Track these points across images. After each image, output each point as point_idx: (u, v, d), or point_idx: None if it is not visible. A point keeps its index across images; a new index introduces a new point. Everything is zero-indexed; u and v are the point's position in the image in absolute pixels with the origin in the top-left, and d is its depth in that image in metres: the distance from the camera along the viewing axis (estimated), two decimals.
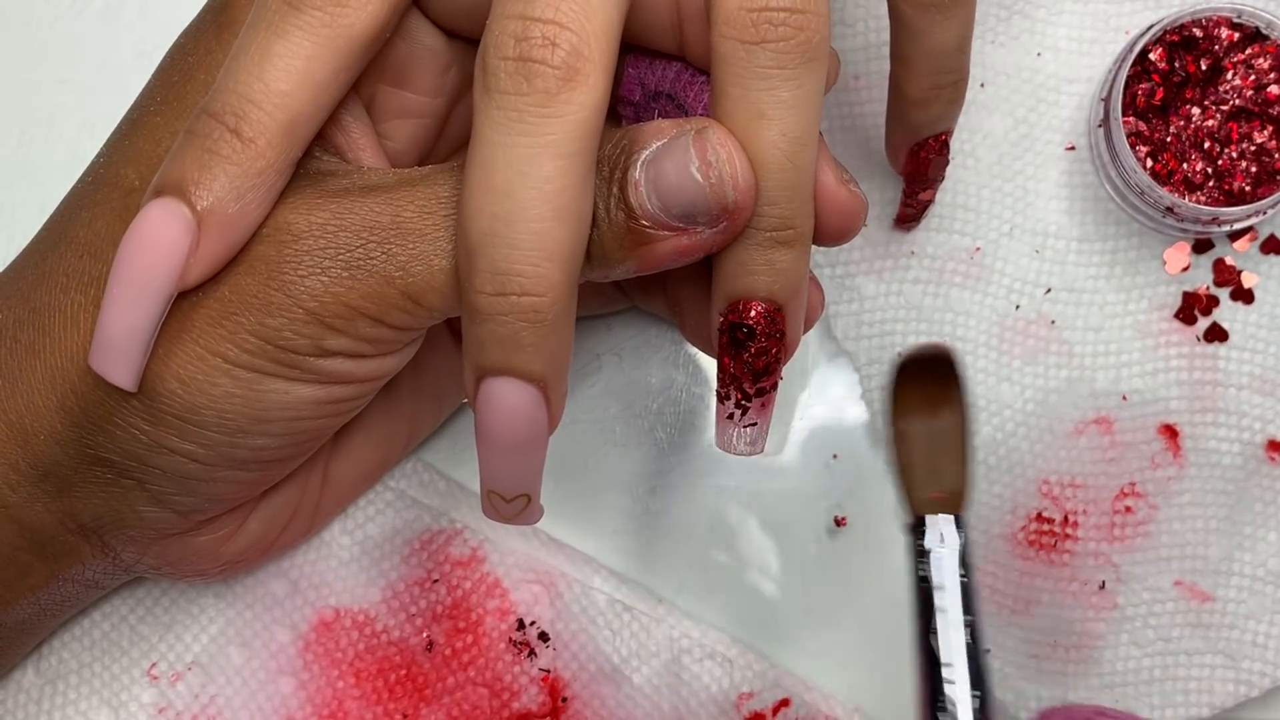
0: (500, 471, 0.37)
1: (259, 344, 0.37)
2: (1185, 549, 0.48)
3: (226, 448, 0.38)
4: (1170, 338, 0.48)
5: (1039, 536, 0.48)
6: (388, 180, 0.37)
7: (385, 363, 0.39)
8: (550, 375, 0.35)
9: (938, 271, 0.49)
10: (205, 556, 0.43)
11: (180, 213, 0.35)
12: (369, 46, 0.37)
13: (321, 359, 0.37)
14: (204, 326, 0.37)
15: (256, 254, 0.37)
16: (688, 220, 0.35)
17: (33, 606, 0.43)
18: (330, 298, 0.36)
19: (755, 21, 0.34)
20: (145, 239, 0.35)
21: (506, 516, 0.38)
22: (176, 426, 0.38)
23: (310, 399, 0.38)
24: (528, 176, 0.33)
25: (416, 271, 0.36)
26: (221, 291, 0.37)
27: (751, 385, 0.38)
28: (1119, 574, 0.48)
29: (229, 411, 0.38)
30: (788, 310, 0.37)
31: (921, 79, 0.42)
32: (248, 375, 0.37)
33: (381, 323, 0.37)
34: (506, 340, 0.34)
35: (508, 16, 0.34)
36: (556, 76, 0.33)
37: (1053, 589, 0.48)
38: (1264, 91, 0.46)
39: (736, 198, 0.35)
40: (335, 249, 0.36)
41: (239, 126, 0.36)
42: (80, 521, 0.41)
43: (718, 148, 0.35)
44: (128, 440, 0.38)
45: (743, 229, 0.35)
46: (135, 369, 0.36)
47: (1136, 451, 0.48)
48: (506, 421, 0.35)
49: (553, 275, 0.34)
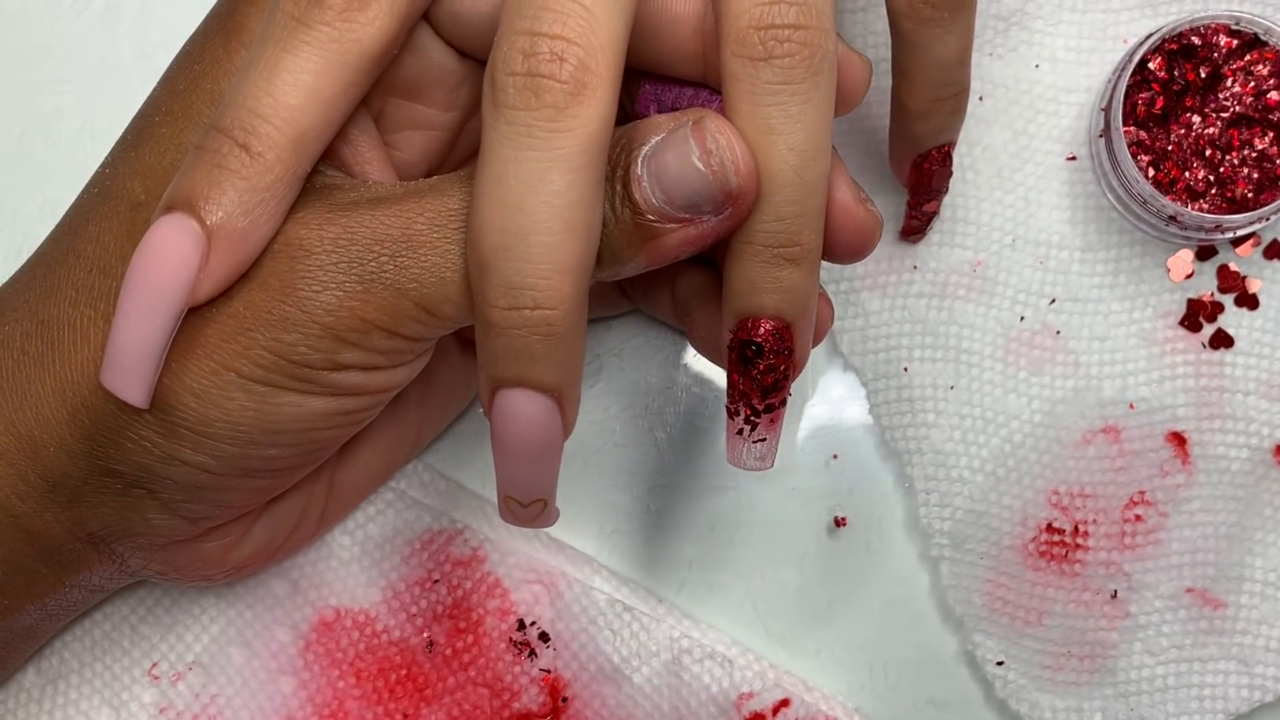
0: (517, 479, 0.37)
1: (273, 359, 0.37)
2: (1196, 556, 0.48)
3: (239, 459, 0.39)
4: (1176, 345, 0.48)
5: (1050, 547, 0.48)
6: (396, 193, 0.37)
7: (397, 374, 0.39)
8: (564, 385, 0.36)
9: (941, 285, 0.49)
10: (211, 562, 0.44)
11: (190, 228, 0.36)
12: (378, 62, 0.37)
13: (335, 372, 0.37)
14: (218, 342, 0.37)
15: (269, 270, 0.37)
16: (693, 210, 0.35)
17: (39, 612, 0.43)
18: (345, 312, 0.36)
19: (762, 39, 0.35)
20: (156, 255, 0.36)
21: (524, 521, 0.38)
22: (190, 440, 0.38)
23: (323, 411, 0.38)
24: (538, 190, 0.33)
25: (429, 283, 0.36)
26: (235, 307, 0.37)
27: (760, 401, 0.38)
28: (1131, 582, 0.48)
29: (242, 424, 0.38)
30: (796, 328, 0.37)
31: (923, 92, 0.42)
32: (262, 389, 0.37)
33: (396, 334, 0.37)
34: (521, 353, 0.35)
35: (515, 33, 0.34)
36: (564, 91, 0.33)
37: (1065, 599, 0.48)
38: (1264, 98, 0.46)
39: (739, 182, 0.35)
40: (348, 263, 0.36)
41: (248, 141, 0.36)
42: (89, 530, 0.41)
43: (716, 135, 0.35)
44: (140, 453, 0.39)
45: (748, 214, 0.36)
46: (147, 385, 0.37)
47: (1145, 460, 0.48)
48: (522, 431, 0.36)
49: (565, 288, 0.34)
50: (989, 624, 0.48)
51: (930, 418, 0.49)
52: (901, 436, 0.49)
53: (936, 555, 0.49)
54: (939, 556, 0.48)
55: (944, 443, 0.48)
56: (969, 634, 0.48)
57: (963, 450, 0.48)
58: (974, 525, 0.48)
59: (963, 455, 0.48)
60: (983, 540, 0.48)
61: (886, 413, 0.49)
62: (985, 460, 0.48)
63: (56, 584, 0.43)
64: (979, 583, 0.48)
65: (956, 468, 0.48)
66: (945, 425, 0.48)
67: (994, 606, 0.48)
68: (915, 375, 0.49)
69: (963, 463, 0.48)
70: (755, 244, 0.36)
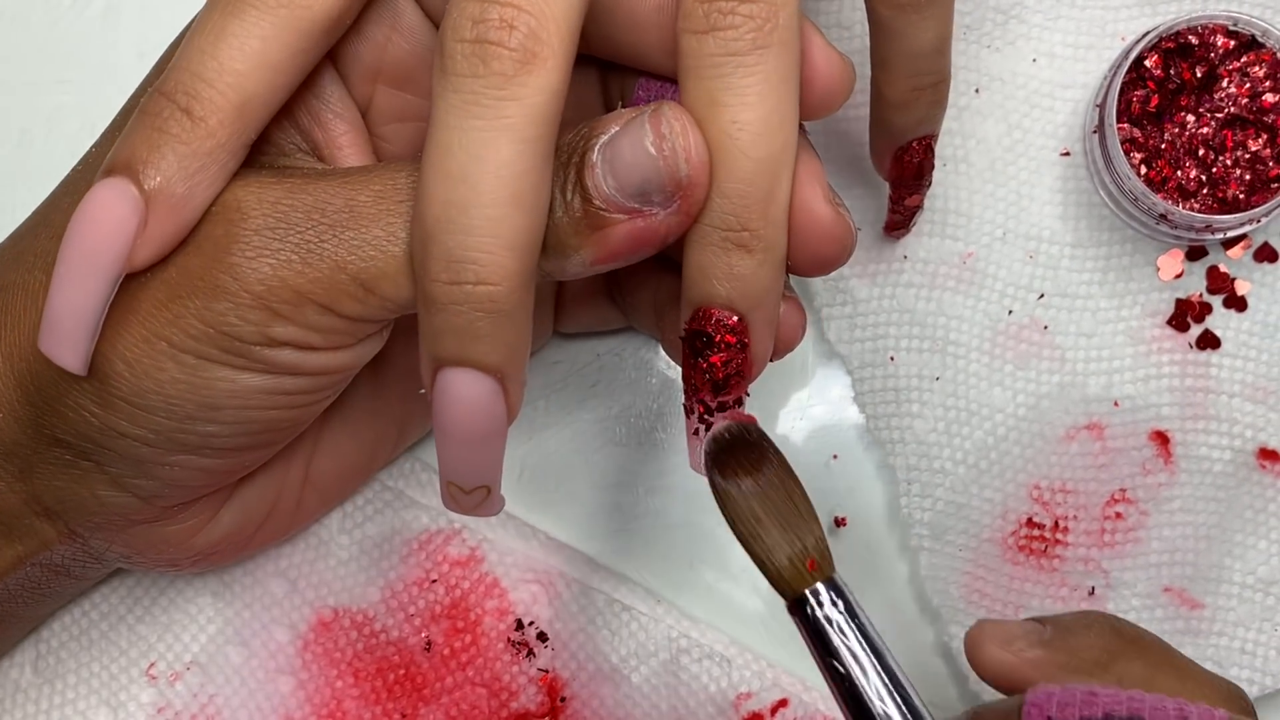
0: (458, 463, 0.36)
1: (204, 329, 0.36)
2: (1175, 556, 0.48)
3: (176, 433, 0.38)
4: (1163, 344, 0.48)
5: (1029, 541, 0.48)
6: (348, 169, 0.37)
7: (337, 357, 0.38)
8: (507, 366, 0.35)
9: (930, 276, 0.49)
10: (175, 547, 0.43)
11: (128, 192, 0.35)
12: (329, 30, 0.37)
13: (268, 348, 0.36)
14: (151, 309, 0.36)
15: (205, 233, 0.36)
16: (643, 199, 0.35)
17: (2, 591, 0.43)
18: (278, 281, 0.36)
19: (706, 13, 0.34)
20: (92, 219, 0.35)
21: (466, 508, 0.38)
22: (125, 410, 0.37)
23: (259, 389, 0.37)
24: (484, 161, 0.33)
25: (370, 257, 0.35)
26: (169, 273, 0.36)
27: (713, 398, 0.37)
28: (1109, 580, 0.48)
29: (175, 397, 0.37)
30: (751, 321, 0.36)
31: (901, 81, 0.41)
32: (193, 361, 0.37)
33: (331, 311, 0.36)
34: (462, 330, 0.34)
35: (467, 0, 0.33)
36: (513, 59, 0.33)
37: (1042, 594, 0.48)
38: (1259, 99, 0.46)
39: (689, 171, 0.34)
40: (285, 228, 0.36)
41: (190, 105, 0.35)
42: (44, 504, 0.40)
43: (672, 122, 0.34)
44: (79, 422, 0.38)
45: (697, 213, 0.35)
46: (83, 351, 0.36)
47: (1128, 457, 0.48)
48: (464, 413, 0.35)
49: (509, 263, 0.33)
50: (966, 616, 0.48)
51: (915, 408, 0.49)
52: (885, 426, 0.49)
53: (916, 545, 0.49)
54: (918, 547, 0.49)
55: (927, 433, 0.49)
56: (945, 625, 0.48)
57: (946, 441, 0.48)
58: (954, 517, 0.48)
59: (946, 446, 0.48)
60: (962, 532, 0.48)
61: (871, 401, 0.49)
62: (968, 452, 0.48)
63: (16, 561, 0.42)
64: (957, 574, 0.48)
65: (939, 459, 0.48)
66: (929, 416, 0.49)
67: (971, 599, 0.48)
68: (901, 365, 0.49)
69: (945, 454, 0.48)
70: (704, 224, 0.35)
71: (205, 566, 0.45)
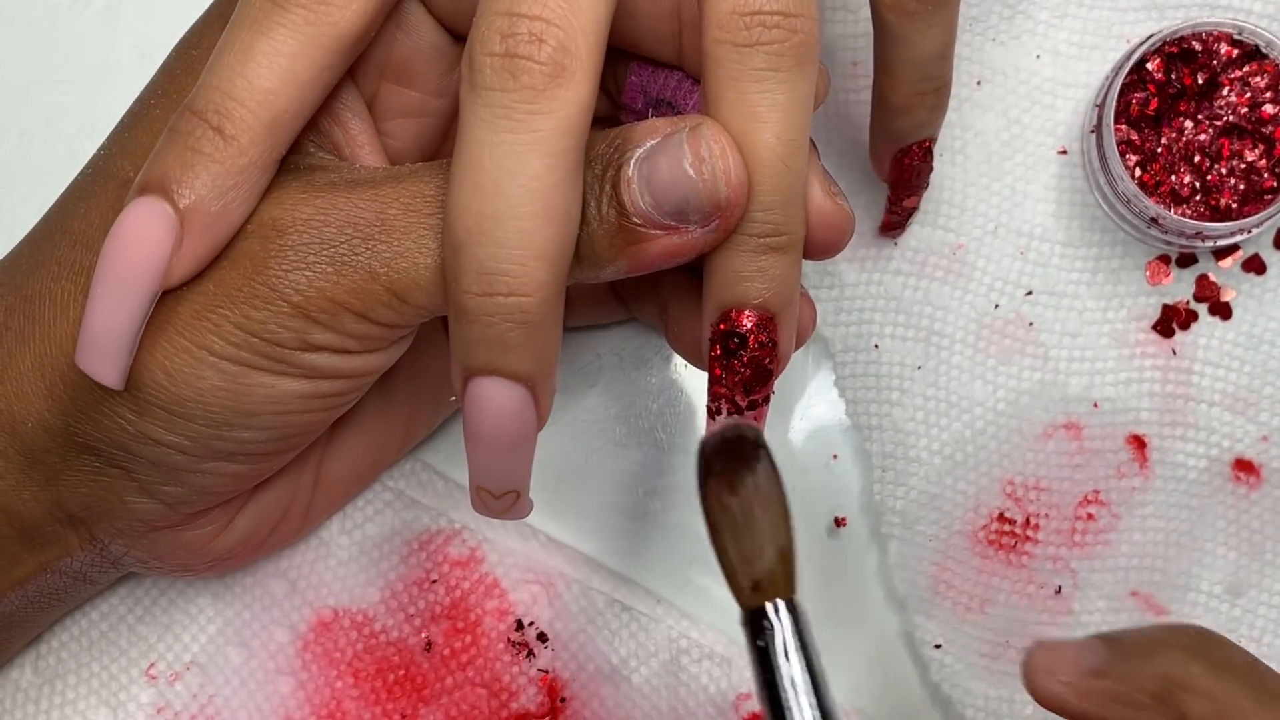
0: (489, 469, 0.37)
1: (244, 337, 0.37)
2: (1144, 560, 0.48)
3: (212, 440, 0.38)
4: (1146, 349, 0.48)
5: (999, 536, 0.48)
6: (375, 176, 0.37)
7: (372, 359, 0.38)
8: (538, 375, 0.35)
9: (919, 265, 0.49)
10: (194, 552, 0.43)
11: (163, 211, 0.35)
12: (354, 45, 0.37)
13: (307, 353, 0.37)
14: (189, 320, 0.37)
15: (241, 249, 0.37)
16: (680, 218, 0.35)
17: (20, 599, 0.43)
18: (314, 292, 0.36)
19: (748, 25, 0.34)
20: (128, 238, 0.35)
21: (496, 512, 0.38)
22: (162, 418, 0.38)
23: (296, 393, 0.38)
24: (515, 174, 0.33)
25: (401, 268, 0.36)
26: (206, 286, 0.37)
27: (744, 397, 0.37)
28: (1076, 580, 0.48)
29: (214, 405, 0.37)
30: (780, 319, 0.36)
31: (904, 86, 0.42)
32: (233, 369, 0.37)
33: (366, 319, 0.37)
34: (494, 341, 0.34)
35: (494, 13, 0.34)
36: (543, 73, 0.33)
37: (1009, 589, 0.48)
38: (1258, 110, 0.46)
39: (729, 194, 0.34)
40: (320, 244, 0.36)
41: (221, 124, 0.36)
42: (68, 511, 0.41)
43: (711, 143, 0.34)
44: (114, 430, 0.38)
45: (733, 230, 0.35)
46: (121, 367, 0.36)
47: (1103, 459, 0.48)
48: (495, 421, 0.35)
49: (540, 275, 0.34)
50: (931, 606, 0.48)
51: (895, 395, 0.49)
52: (864, 411, 0.49)
53: (886, 533, 0.49)
54: (888, 534, 0.49)
55: (905, 422, 0.49)
56: (910, 614, 0.48)
57: (923, 431, 0.49)
58: (926, 507, 0.48)
59: (923, 436, 0.49)
60: (934, 523, 0.48)
61: (852, 386, 0.49)
62: (945, 443, 0.48)
63: (37, 569, 0.42)
64: (925, 564, 0.48)
65: (915, 448, 0.48)
66: (909, 404, 0.49)
67: (938, 590, 0.48)
68: (885, 352, 0.49)
69: (922, 444, 0.48)
70: (741, 233, 0.35)
71: (219, 571, 0.46)
